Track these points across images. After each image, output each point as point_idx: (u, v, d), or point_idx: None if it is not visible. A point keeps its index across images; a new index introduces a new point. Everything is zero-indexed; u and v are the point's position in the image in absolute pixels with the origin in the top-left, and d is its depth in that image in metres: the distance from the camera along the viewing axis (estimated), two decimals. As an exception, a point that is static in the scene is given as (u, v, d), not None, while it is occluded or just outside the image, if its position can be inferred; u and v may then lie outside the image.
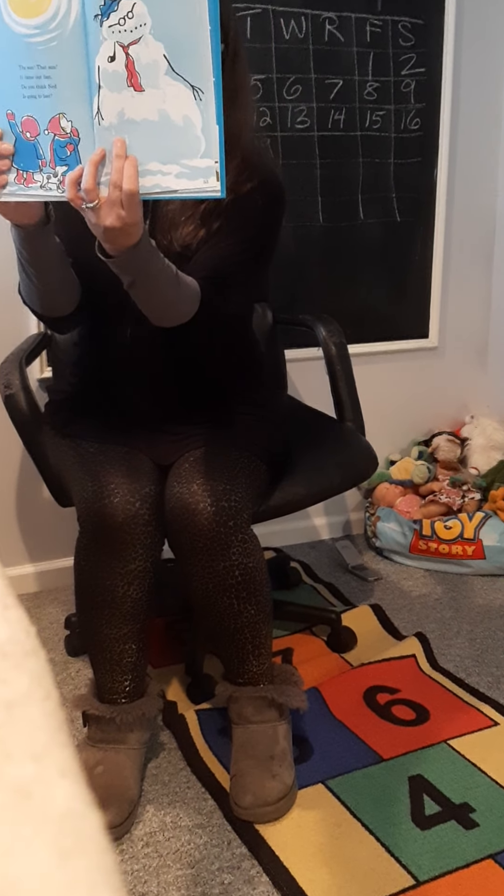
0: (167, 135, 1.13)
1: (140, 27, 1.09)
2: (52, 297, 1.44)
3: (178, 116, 1.12)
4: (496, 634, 2.00)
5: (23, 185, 1.17)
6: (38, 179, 1.17)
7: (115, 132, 1.13)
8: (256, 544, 1.44)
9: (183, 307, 1.40)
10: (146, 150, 1.14)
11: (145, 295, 1.35)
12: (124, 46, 1.10)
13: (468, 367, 2.65)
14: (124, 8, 1.09)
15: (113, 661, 1.46)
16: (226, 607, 1.43)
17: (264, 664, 1.49)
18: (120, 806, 1.40)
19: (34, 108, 1.14)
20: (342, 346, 1.89)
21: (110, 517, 1.39)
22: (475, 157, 2.47)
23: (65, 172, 1.16)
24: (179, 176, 1.14)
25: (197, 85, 1.11)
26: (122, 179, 1.13)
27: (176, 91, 1.11)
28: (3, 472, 2.18)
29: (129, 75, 1.11)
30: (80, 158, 1.15)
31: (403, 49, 2.27)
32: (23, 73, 1.12)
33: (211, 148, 1.12)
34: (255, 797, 1.40)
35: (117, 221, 1.16)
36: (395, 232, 2.41)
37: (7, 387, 1.64)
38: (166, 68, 1.10)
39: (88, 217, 1.18)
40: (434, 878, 1.29)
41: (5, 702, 0.37)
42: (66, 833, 0.31)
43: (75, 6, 1.09)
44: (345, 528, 2.59)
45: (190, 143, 1.13)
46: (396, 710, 1.70)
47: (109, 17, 1.09)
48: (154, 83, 1.11)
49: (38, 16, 1.10)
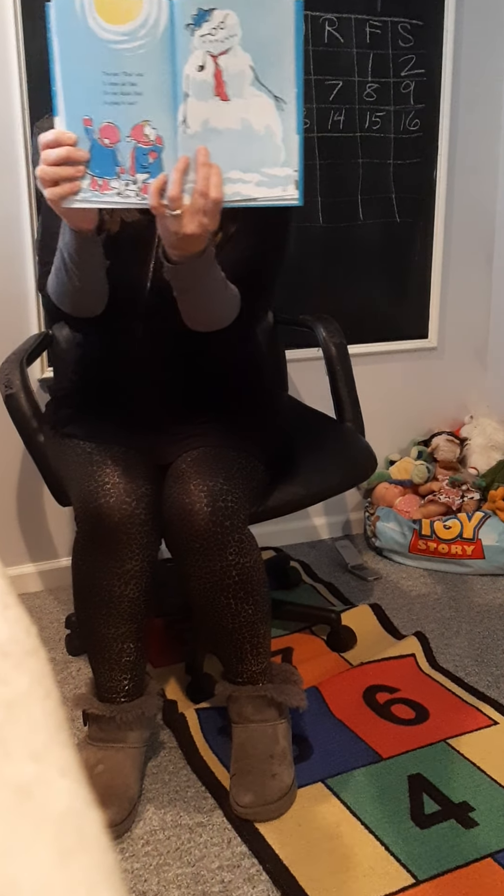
0: (249, 144, 1.15)
1: (230, 38, 1.11)
2: (87, 299, 1.44)
3: (261, 126, 1.15)
4: (495, 634, 2.00)
5: (97, 191, 1.17)
6: (114, 186, 1.16)
7: (199, 141, 1.14)
8: (254, 544, 1.44)
9: (228, 312, 1.43)
10: (228, 158, 1.15)
11: (196, 301, 1.37)
12: (214, 56, 1.12)
13: (468, 367, 2.65)
14: (217, 18, 1.10)
15: (111, 661, 1.46)
16: (223, 607, 1.44)
17: (263, 663, 1.50)
18: (120, 804, 1.40)
19: (116, 114, 1.14)
20: (342, 347, 1.89)
21: (106, 517, 1.39)
22: (475, 157, 2.47)
23: (146, 180, 1.16)
24: (259, 184, 1.16)
25: (280, 95, 1.14)
26: (209, 188, 1.15)
27: (259, 101, 1.14)
28: (4, 471, 2.18)
29: (217, 85, 1.13)
30: (164, 166, 1.15)
31: (403, 50, 2.27)
32: (106, 79, 1.12)
33: (291, 157, 1.15)
34: (255, 796, 1.41)
35: (198, 229, 1.18)
36: (394, 232, 2.41)
37: (8, 386, 1.64)
38: (252, 79, 1.13)
39: (168, 224, 1.18)
40: (433, 877, 1.29)
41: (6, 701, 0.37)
42: (67, 832, 0.31)
43: (164, 14, 1.10)
44: (344, 528, 2.59)
45: (271, 152, 1.15)
46: (396, 709, 1.70)
47: (202, 26, 1.11)
48: (239, 93, 1.13)
49: (128, 22, 1.10)
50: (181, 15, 1.10)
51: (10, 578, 1.66)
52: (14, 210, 2.02)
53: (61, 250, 1.34)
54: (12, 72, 1.94)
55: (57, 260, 1.38)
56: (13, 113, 1.96)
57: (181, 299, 1.37)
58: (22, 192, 2.01)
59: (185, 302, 1.38)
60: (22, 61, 1.93)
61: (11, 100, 1.96)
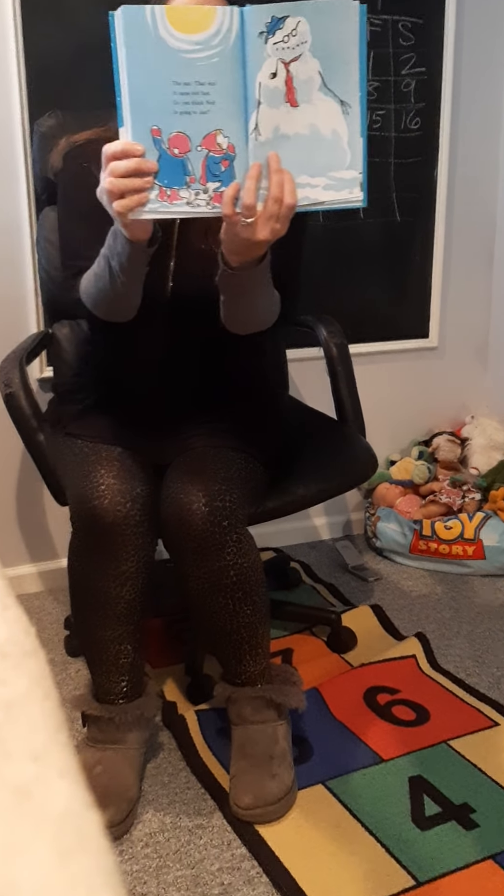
0: (316, 148, 1.17)
1: (301, 44, 1.13)
2: (126, 304, 1.43)
3: (328, 130, 1.16)
4: (496, 635, 2.00)
5: (166, 202, 1.17)
6: (184, 196, 1.17)
7: (269, 147, 1.16)
8: (252, 544, 1.44)
9: (271, 315, 1.44)
10: (297, 163, 1.17)
11: (248, 305, 1.38)
12: (286, 63, 1.13)
13: (468, 367, 2.65)
14: (289, 26, 1.12)
15: (109, 663, 1.46)
16: (221, 608, 1.43)
17: (262, 664, 1.49)
18: (119, 804, 1.40)
19: (187, 124, 1.14)
20: (343, 347, 1.89)
21: (100, 519, 1.38)
22: (475, 156, 2.47)
23: (217, 189, 1.17)
24: (327, 188, 1.18)
25: (345, 99, 1.16)
26: (284, 193, 1.15)
27: (327, 106, 1.16)
28: (3, 471, 2.18)
29: (287, 91, 1.14)
30: (236, 174, 1.16)
31: (403, 48, 2.27)
32: (177, 88, 1.12)
33: (356, 160, 1.18)
34: (255, 797, 1.40)
35: (271, 235, 1.19)
36: (395, 232, 2.41)
37: (7, 385, 1.64)
38: (320, 84, 1.15)
39: (239, 232, 1.19)
40: (434, 879, 1.29)
41: (5, 702, 0.37)
42: (66, 833, 0.31)
43: (235, 23, 1.11)
44: (345, 529, 2.59)
45: (337, 155, 1.17)
46: (396, 710, 1.70)
47: (275, 34, 1.12)
48: (308, 98, 1.15)
49: (201, 32, 1.11)
50: (253, 23, 1.11)
51: (10, 579, 1.66)
52: (13, 210, 2.02)
53: (107, 258, 1.32)
54: (12, 74, 1.94)
55: (99, 266, 1.36)
56: (12, 114, 1.96)
57: (231, 304, 1.38)
58: (21, 192, 2.01)
59: (235, 306, 1.38)
60: (21, 63, 1.93)
61: (11, 102, 1.96)
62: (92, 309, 1.46)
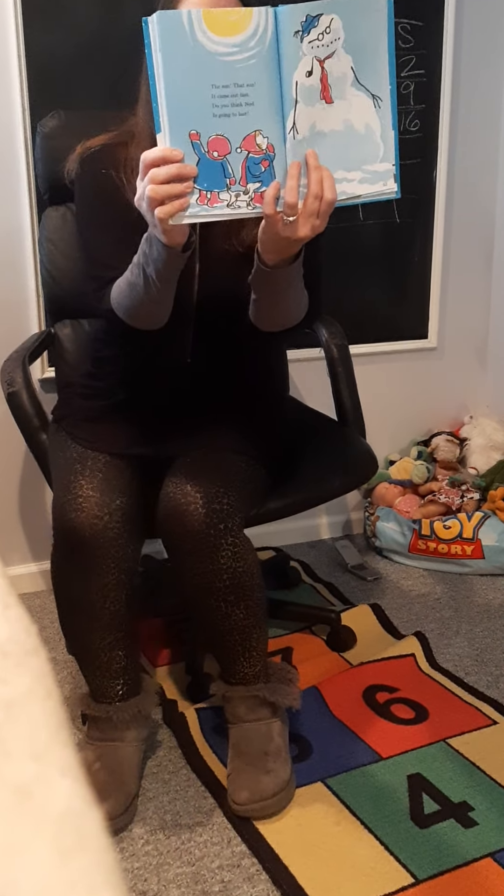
0: (351, 143, 1.18)
1: (335, 41, 1.14)
2: (159, 311, 1.41)
3: (361, 125, 1.18)
4: (495, 634, 2.00)
5: (206, 205, 1.17)
6: (224, 198, 1.17)
7: (306, 145, 1.16)
8: (248, 548, 1.43)
9: (301, 313, 1.44)
10: (332, 159, 1.18)
11: (280, 302, 1.38)
12: (321, 61, 1.14)
13: (467, 368, 2.65)
14: (323, 24, 1.13)
15: (102, 668, 1.46)
16: (214, 609, 1.43)
17: (256, 666, 1.49)
18: (117, 797, 1.40)
19: (226, 126, 1.14)
20: (344, 348, 1.89)
21: (78, 531, 1.38)
22: (475, 158, 2.47)
23: (257, 189, 1.17)
24: (362, 181, 1.20)
25: (376, 93, 1.17)
26: (324, 190, 1.16)
27: (360, 101, 1.17)
28: (5, 470, 2.18)
29: (323, 88, 1.15)
30: (275, 174, 1.17)
31: (403, 50, 2.27)
32: (215, 91, 1.13)
33: (388, 152, 1.20)
34: (251, 793, 1.41)
35: (311, 231, 1.19)
36: (394, 233, 2.41)
37: (10, 384, 1.64)
38: (352, 80, 1.16)
39: (280, 231, 1.19)
40: (433, 877, 1.29)
41: (6, 701, 0.37)
42: (67, 832, 0.31)
43: (270, 24, 1.12)
44: (344, 528, 2.59)
45: (371, 149, 1.19)
46: (396, 708, 1.70)
47: (310, 32, 1.13)
48: (342, 94, 1.16)
49: (239, 34, 1.12)
50: (288, 23, 1.12)
51: (11, 578, 1.66)
52: (14, 211, 2.02)
53: (142, 266, 1.31)
54: (13, 74, 1.94)
55: (133, 275, 1.34)
56: (14, 114, 1.97)
57: (264, 302, 1.38)
58: (23, 194, 2.01)
59: (266, 304, 1.39)
60: (23, 63, 1.93)
61: (12, 102, 1.96)
62: (126, 318, 1.43)
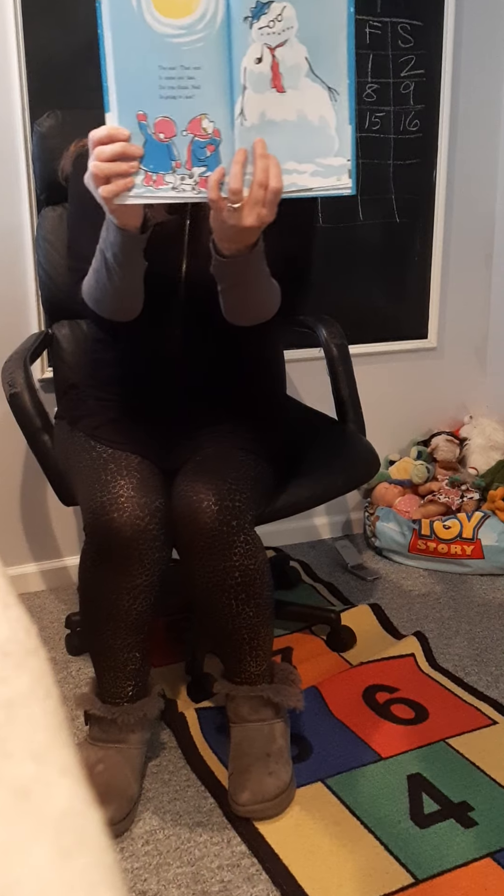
0: (304, 134, 1.16)
1: (287, 30, 1.13)
2: (128, 301, 1.42)
3: (315, 116, 1.16)
4: (495, 633, 2.00)
5: (151, 186, 1.17)
6: (169, 181, 1.16)
7: (255, 133, 1.15)
8: (259, 546, 1.44)
9: (271, 307, 1.42)
10: (284, 149, 1.16)
11: (243, 295, 1.36)
12: (271, 48, 1.13)
13: (467, 368, 2.65)
14: (274, 11, 1.12)
15: (117, 669, 1.46)
16: (224, 607, 1.43)
17: (262, 665, 1.49)
18: (120, 803, 1.41)
19: (172, 108, 1.14)
20: (343, 348, 1.90)
21: (118, 532, 1.36)
22: (474, 158, 2.48)
23: (202, 173, 1.16)
24: (314, 174, 1.18)
25: (333, 86, 1.15)
26: (269, 178, 1.15)
27: (314, 92, 1.15)
28: (6, 470, 2.18)
29: (273, 77, 1.14)
30: (221, 159, 1.16)
31: (403, 51, 2.27)
32: (162, 73, 1.12)
33: (344, 146, 1.17)
34: (253, 794, 1.41)
35: (257, 221, 1.18)
36: (394, 233, 2.41)
37: (11, 385, 1.64)
38: (307, 70, 1.14)
39: (226, 218, 1.18)
40: (433, 877, 1.29)
41: (6, 701, 0.37)
42: (67, 832, 0.31)
43: (221, 8, 1.11)
44: (344, 528, 2.59)
45: (325, 142, 1.17)
46: (395, 708, 1.70)
47: (260, 19, 1.12)
48: (295, 84, 1.15)
49: (186, 16, 1.11)
50: (239, 8, 1.11)
51: (11, 578, 1.66)
52: (14, 210, 2.02)
53: (103, 251, 1.32)
54: (12, 76, 1.94)
55: (96, 261, 1.35)
56: (13, 114, 1.97)
57: (228, 294, 1.36)
58: (22, 192, 2.01)
59: (232, 296, 1.37)
60: (22, 65, 1.93)
61: (11, 104, 1.96)
62: (95, 308, 1.44)
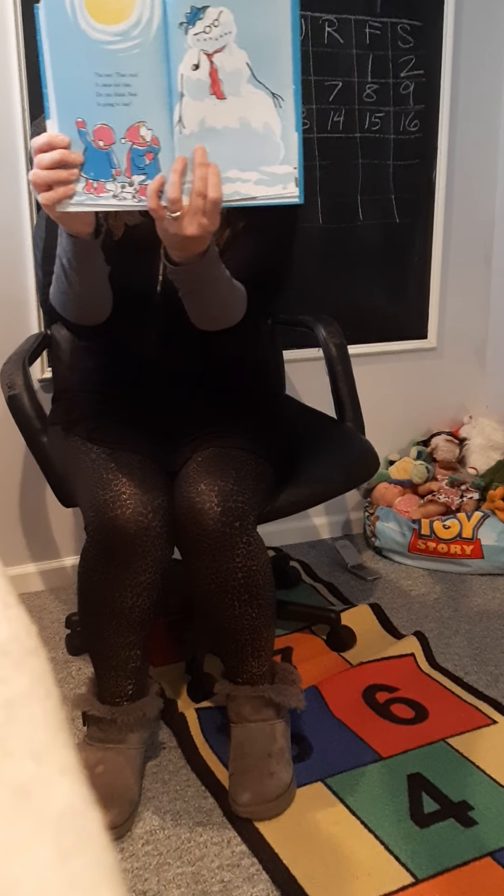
0: (247, 142, 1.14)
1: (225, 35, 1.10)
2: (91, 306, 1.43)
3: (259, 124, 1.13)
4: (494, 633, 2.01)
5: (92, 194, 1.15)
6: (110, 189, 1.15)
7: (195, 140, 1.13)
8: (262, 547, 1.44)
9: (235, 312, 1.41)
10: (226, 157, 1.14)
11: (202, 301, 1.36)
12: (209, 54, 1.10)
13: (467, 368, 2.65)
14: (210, 16, 1.09)
15: (118, 667, 1.46)
16: (227, 608, 1.43)
17: (264, 666, 1.49)
18: (122, 806, 1.41)
19: (110, 116, 1.12)
20: (342, 347, 1.90)
21: (122, 529, 1.36)
22: (474, 158, 2.48)
23: (142, 181, 1.15)
24: (259, 183, 1.15)
25: (277, 92, 1.12)
26: (207, 188, 1.13)
27: (257, 99, 1.12)
28: (6, 471, 2.19)
29: (213, 83, 1.12)
30: (161, 167, 1.14)
31: (402, 51, 2.27)
32: (99, 80, 1.11)
33: (290, 154, 1.14)
34: (254, 794, 1.41)
35: (198, 230, 1.16)
36: (394, 233, 2.41)
37: (10, 387, 1.64)
38: (249, 76, 1.12)
39: (167, 227, 1.17)
40: (433, 876, 1.29)
41: (6, 700, 0.37)
42: (67, 831, 0.31)
43: (157, 13, 1.09)
44: (344, 528, 2.59)
45: (270, 149, 1.14)
46: (395, 708, 1.70)
47: (195, 24, 1.09)
48: (236, 91, 1.12)
49: (121, 23, 1.09)
50: (174, 14, 1.08)
51: (11, 578, 1.66)
52: (14, 211, 2.03)
53: (60, 257, 1.33)
54: (12, 76, 1.94)
55: (56, 267, 1.36)
56: (13, 116, 1.97)
57: (187, 300, 1.36)
58: (22, 193, 2.02)
59: (190, 302, 1.37)
60: (22, 65, 1.93)
61: (11, 104, 1.96)
62: (62, 312, 1.44)
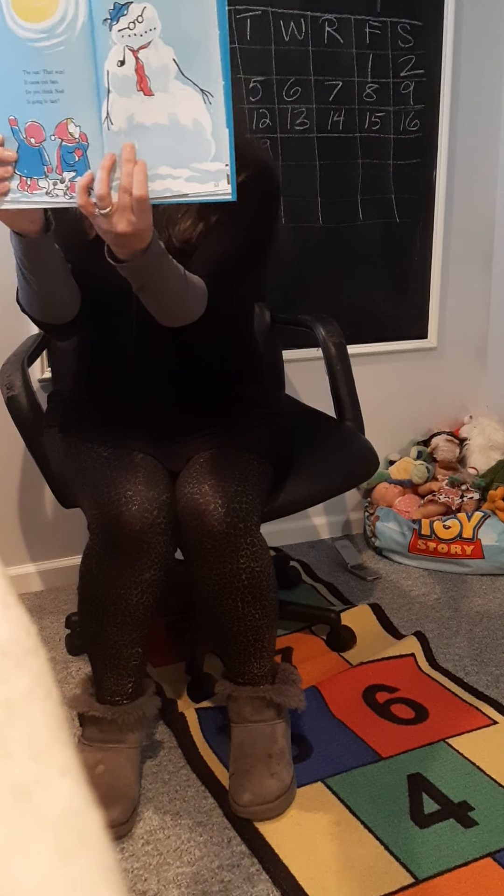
0: (177, 139, 1.13)
1: (150, 31, 1.09)
2: (53, 304, 1.43)
3: (189, 120, 1.13)
4: (495, 634, 2.01)
5: (27, 191, 1.16)
6: (43, 186, 1.16)
7: (125, 137, 1.13)
8: (265, 548, 1.44)
9: (192, 307, 1.40)
10: (156, 154, 1.14)
11: (155, 297, 1.35)
12: (134, 51, 1.10)
13: (467, 368, 2.65)
14: (134, 12, 1.09)
15: (119, 665, 1.46)
16: (230, 609, 1.43)
17: (266, 666, 1.49)
18: (124, 804, 1.40)
19: (39, 113, 1.13)
20: (341, 346, 1.90)
21: (127, 526, 1.36)
22: (474, 158, 2.48)
23: (73, 178, 1.15)
24: (190, 179, 1.15)
25: (206, 88, 1.12)
26: (133, 185, 1.13)
27: (186, 95, 1.12)
28: (5, 472, 2.19)
29: (139, 79, 1.11)
30: (90, 164, 1.14)
31: (402, 50, 2.27)
32: (27, 77, 1.11)
33: (221, 151, 1.13)
34: (254, 795, 1.41)
35: (129, 227, 1.16)
36: (394, 233, 2.41)
37: (9, 388, 1.64)
38: (176, 72, 1.11)
39: (99, 223, 1.17)
40: (433, 877, 1.29)
41: (6, 701, 0.37)
42: (67, 832, 0.31)
43: (83, 10, 1.09)
44: (344, 528, 2.59)
45: (200, 146, 1.13)
46: (395, 708, 1.70)
47: (119, 21, 1.09)
48: (164, 87, 1.11)
49: (45, 20, 1.09)
50: (98, 10, 1.09)
51: (11, 578, 1.66)
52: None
53: (14, 256, 1.33)
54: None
55: (15, 266, 1.36)
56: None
57: (140, 295, 1.35)
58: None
59: (144, 297, 1.36)
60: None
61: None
62: (28, 311, 1.44)
